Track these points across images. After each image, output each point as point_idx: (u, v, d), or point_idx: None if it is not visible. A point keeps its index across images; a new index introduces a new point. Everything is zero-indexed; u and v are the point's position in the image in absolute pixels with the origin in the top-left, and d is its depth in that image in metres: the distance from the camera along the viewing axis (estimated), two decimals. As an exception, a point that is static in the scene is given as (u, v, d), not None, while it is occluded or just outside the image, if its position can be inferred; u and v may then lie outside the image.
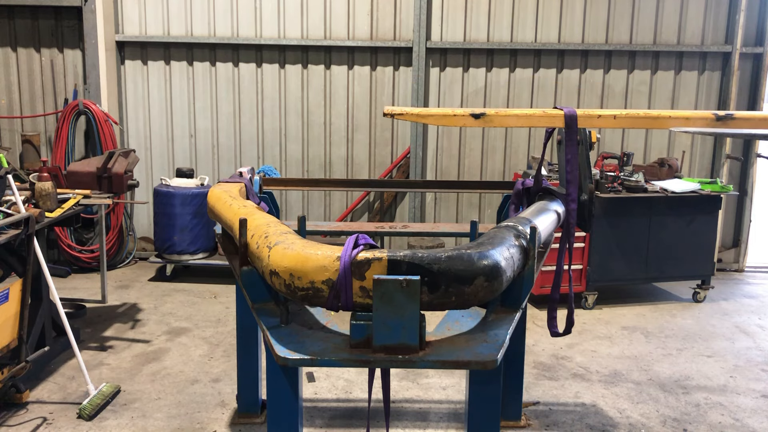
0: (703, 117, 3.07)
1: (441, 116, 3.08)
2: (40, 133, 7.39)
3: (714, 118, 3.05)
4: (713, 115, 3.06)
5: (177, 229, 6.81)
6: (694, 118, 3.09)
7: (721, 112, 3.06)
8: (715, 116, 3.05)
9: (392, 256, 2.13)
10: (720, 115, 3.04)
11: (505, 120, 3.07)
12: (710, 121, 3.07)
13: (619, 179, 6.49)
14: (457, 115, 3.03)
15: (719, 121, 3.04)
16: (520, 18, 7.43)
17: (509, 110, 3.10)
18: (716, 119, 3.04)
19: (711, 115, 3.06)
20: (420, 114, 3.07)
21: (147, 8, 7.40)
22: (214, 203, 3.15)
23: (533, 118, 3.10)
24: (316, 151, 7.67)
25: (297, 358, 2.14)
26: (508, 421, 4.20)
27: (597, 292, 6.45)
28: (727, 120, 3.04)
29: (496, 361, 2.12)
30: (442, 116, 3.08)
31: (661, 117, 3.12)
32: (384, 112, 3.06)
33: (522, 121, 3.12)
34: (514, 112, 3.08)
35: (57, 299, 4.53)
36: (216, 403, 4.44)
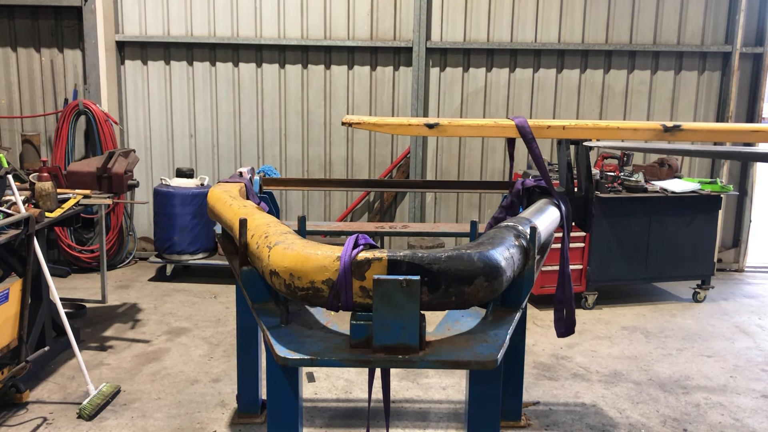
0: (651, 128, 3.10)
1: (396, 125, 3.16)
2: (40, 133, 7.39)
3: (662, 129, 3.07)
4: (661, 126, 3.08)
5: (177, 229, 6.81)
6: (642, 129, 3.12)
7: (669, 123, 3.08)
8: (663, 127, 3.07)
9: (392, 256, 2.13)
10: (668, 126, 3.07)
11: (458, 130, 3.14)
12: (658, 133, 3.09)
13: (619, 179, 6.49)
14: (411, 124, 3.09)
15: (667, 132, 3.07)
16: (520, 18, 7.43)
17: (462, 120, 3.15)
18: (664, 130, 3.07)
19: (659, 126, 3.08)
20: (377, 123, 3.14)
21: (147, 8, 7.40)
22: (214, 203, 3.15)
23: (485, 129, 3.15)
24: (316, 151, 7.67)
25: (297, 358, 2.14)
26: (508, 421, 4.20)
27: (597, 292, 6.45)
28: (674, 131, 3.07)
29: (496, 361, 2.12)
30: (398, 125, 3.15)
31: (610, 128, 3.14)
32: (342, 121, 3.13)
33: (474, 131, 3.18)
34: (467, 123, 3.14)
35: (57, 299, 4.53)
36: (216, 403, 4.44)
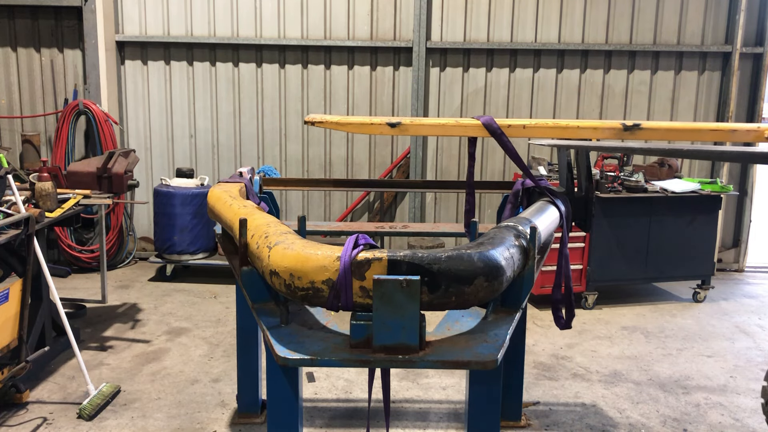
0: (611, 127, 3.11)
1: (359, 124, 3.18)
2: (40, 133, 7.39)
3: (621, 128, 3.08)
4: (621, 125, 3.09)
5: (177, 229, 6.81)
6: (602, 128, 3.13)
7: (629, 122, 3.08)
8: (623, 126, 3.08)
9: (392, 256, 2.13)
10: (627, 125, 3.07)
11: (420, 129, 3.17)
12: (618, 131, 3.09)
13: (619, 179, 6.49)
14: (374, 123, 3.11)
15: (627, 131, 3.07)
16: (520, 18, 7.43)
17: (424, 120, 3.17)
18: (624, 129, 3.07)
19: (619, 125, 3.09)
20: (339, 122, 3.17)
21: (147, 8, 7.40)
22: (214, 203, 3.15)
23: (447, 128, 3.16)
24: (316, 151, 7.67)
25: (297, 358, 2.14)
26: (508, 421, 4.20)
27: (597, 292, 6.45)
28: (634, 130, 3.07)
29: (496, 361, 2.12)
30: (360, 124, 3.17)
31: (570, 127, 3.15)
32: (305, 120, 3.16)
33: (436, 130, 3.20)
34: (429, 122, 3.16)
35: (57, 299, 4.53)
36: (216, 403, 4.44)
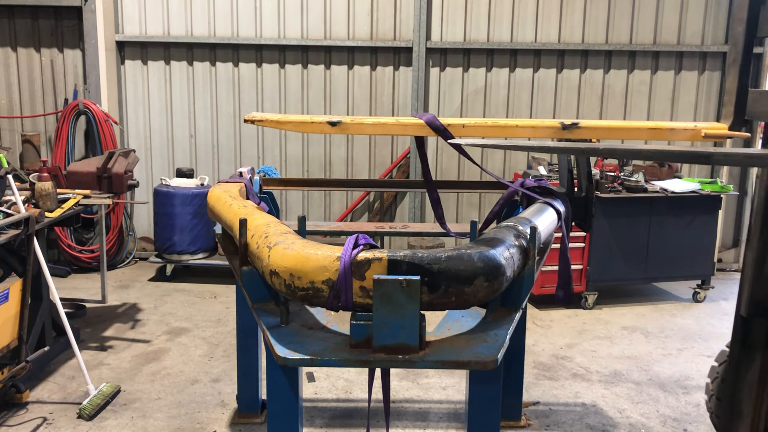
0: (550, 126, 3.12)
1: (299, 123, 3.21)
2: (40, 133, 7.39)
3: (560, 127, 3.08)
4: (560, 124, 3.09)
5: (177, 229, 6.81)
6: (541, 127, 3.14)
7: (568, 120, 3.09)
8: (562, 125, 3.09)
9: (392, 256, 2.13)
10: (566, 124, 3.08)
11: (361, 128, 3.18)
12: (557, 130, 3.10)
13: (619, 179, 6.49)
14: (315, 122, 3.13)
15: (565, 129, 3.08)
16: (520, 18, 7.43)
17: (364, 118, 3.18)
18: (562, 128, 3.08)
19: (557, 124, 3.10)
20: (279, 121, 3.18)
21: (147, 8, 7.40)
22: (214, 203, 3.16)
23: (387, 126, 3.18)
24: (316, 151, 7.67)
25: (297, 358, 2.14)
26: (508, 421, 4.20)
27: (597, 292, 6.45)
28: (573, 129, 3.08)
29: (496, 361, 2.12)
30: (301, 123, 3.20)
31: (509, 126, 3.17)
32: (245, 119, 3.18)
33: (377, 129, 3.22)
34: (369, 121, 3.17)
35: (57, 299, 4.53)
36: (216, 403, 4.44)
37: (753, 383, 3.17)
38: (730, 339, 3.31)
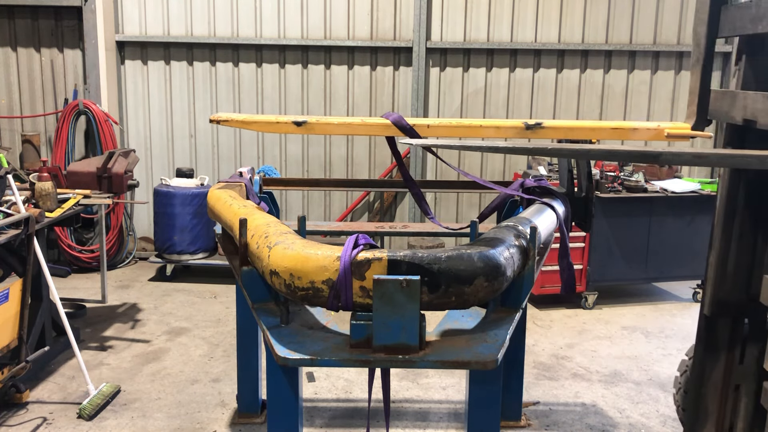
0: (513, 126, 3.14)
1: (265, 123, 3.22)
2: (40, 133, 7.39)
3: (524, 127, 3.10)
4: (523, 124, 3.11)
5: (177, 229, 6.81)
6: (504, 127, 3.16)
7: (531, 121, 3.11)
8: (525, 125, 3.10)
9: (392, 256, 2.13)
10: (530, 124, 3.10)
11: (326, 128, 3.20)
12: (520, 130, 3.12)
13: (619, 179, 6.49)
14: (280, 122, 3.14)
15: (529, 129, 3.10)
16: (520, 18, 7.43)
17: (330, 118, 3.20)
18: (525, 128, 3.10)
19: (521, 124, 3.12)
20: (245, 121, 3.20)
21: (147, 8, 7.40)
22: (214, 203, 3.16)
23: (353, 126, 3.19)
24: (316, 151, 7.67)
25: (297, 358, 2.14)
26: (508, 421, 4.21)
27: (597, 292, 6.45)
28: (536, 129, 3.09)
29: (496, 361, 2.12)
30: (266, 123, 3.21)
31: (473, 126, 3.18)
32: (210, 119, 3.19)
33: (342, 129, 3.23)
34: (334, 121, 3.18)
35: (57, 299, 4.53)
36: (216, 403, 4.44)
37: (718, 382, 3.19)
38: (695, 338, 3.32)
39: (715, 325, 3.14)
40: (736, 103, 2.87)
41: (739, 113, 2.83)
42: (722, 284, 3.07)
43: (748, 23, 2.77)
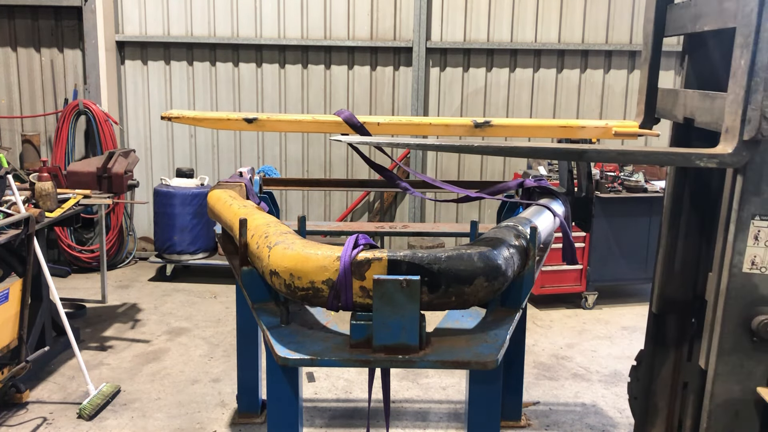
0: (462, 124, 3.16)
1: (215, 120, 3.25)
2: (40, 133, 7.39)
3: (473, 125, 3.12)
4: (472, 122, 3.13)
5: (177, 229, 6.81)
6: (453, 125, 3.18)
7: (480, 119, 3.13)
8: (474, 123, 3.12)
9: (392, 256, 2.13)
10: (479, 122, 3.12)
11: (278, 125, 3.24)
12: (469, 128, 3.13)
13: (619, 179, 6.49)
14: (231, 119, 3.17)
15: (477, 127, 3.12)
16: (520, 18, 7.43)
17: (281, 116, 3.23)
18: (474, 126, 3.12)
19: (470, 122, 3.13)
20: (195, 117, 3.23)
21: (147, 8, 7.40)
22: (214, 203, 3.16)
23: (304, 124, 3.21)
24: (316, 151, 7.67)
25: (297, 358, 2.14)
26: (508, 421, 4.21)
27: (597, 292, 6.45)
28: (485, 127, 3.11)
29: (496, 361, 2.12)
30: (217, 120, 3.24)
31: (422, 124, 3.22)
32: (161, 116, 3.21)
33: (293, 127, 3.26)
34: (286, 118, 3.21)
35: (57, 299, 4.53)
36: (216, 403, 4.44)
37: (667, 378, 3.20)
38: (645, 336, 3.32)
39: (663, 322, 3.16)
40: (678, 102, 2.89)
41: (681, 112, 2.85)
42: (669, 282, 3.08)
43: (688, 22, 2.79)
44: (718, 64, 2.77)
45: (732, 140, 2.32)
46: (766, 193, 2.34)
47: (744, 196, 2.36)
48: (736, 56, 2.31)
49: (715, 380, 2.47)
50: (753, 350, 2.44)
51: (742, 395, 2.47)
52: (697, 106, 2.69)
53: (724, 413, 2.49)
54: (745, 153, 2.31)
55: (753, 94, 2.24)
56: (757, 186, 2.34)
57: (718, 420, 2.49)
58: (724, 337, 2.44)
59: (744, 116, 2.27)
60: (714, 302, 2.51)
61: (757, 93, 2.24)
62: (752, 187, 2.34)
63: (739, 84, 2.28)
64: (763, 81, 2.22)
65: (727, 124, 2.36)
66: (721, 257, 2.48)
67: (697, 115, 2.69)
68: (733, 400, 2.48)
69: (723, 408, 2.49)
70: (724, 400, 2.48)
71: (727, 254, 2.42)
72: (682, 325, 3.13)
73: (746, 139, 2.28)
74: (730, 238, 2.41)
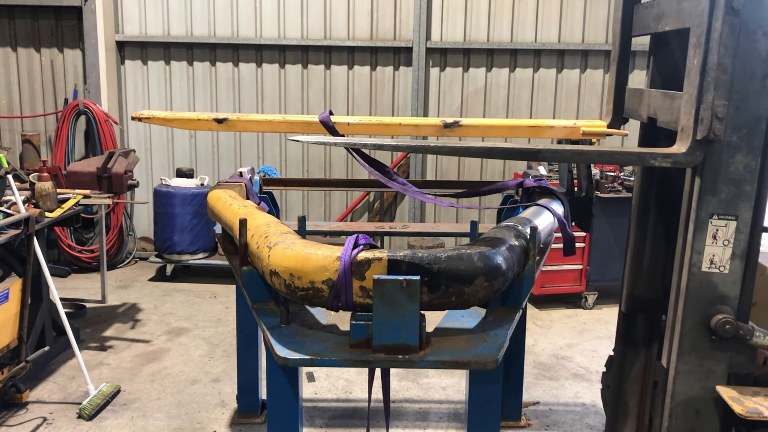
0: (432, 124, 3.17)
1: (186, 120, 3.27)
2: (40, 133, 7.39)
3: (442, 125, 3.14)
4: (441, 122, 3.15)
5: (177, 229, 6.81)
6: (423, 125, 3.20)
7: (450, 119, 3.15)
8: (443, 123, 3.14)
9: (392, 256, 2.14)
10: (448, 122, 3.14)
11: (247, 125, 3.26)
12: (439, 128, 3.15)
13: (619, 179, 6.49)
14: (201, 119, 3.19)
15: (447, 128, 3.14)
16: (520, 18, 7.43)
17: (251, 116, 3.25)
18: (444, 126, 3.13)
19: (439, 122, 3.15)
20: (166, 118, 3.25)
21: (147, 8, 7.40)
22: (214, 203, 3.16)
23: (274, 124, 3.23)
24: (316, 151, 7.67)
25: (297, 358, 2.15)
26: (508, 421, 4.21)
27: (597, 292, 6.45)
28: (454, 127, 3.13)
29: (496, 361, 2.12)
30: (187, 120, 3.27)
31: (392, 124, 3.25)
32: (132, 116, 3.23)
33: (263, 127, 3.28)
34: (255, 118, 3.23)
35: (57, 299, 4.53)
36: (216, 403, 4.44)
37: (637, 378, 3.20)
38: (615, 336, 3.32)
39: (633, 321, 3.16)
40: (643, 101, 2.90)
41: (645, 111, 2.87)
42: (638, 280, 3.08)
43: (653, 22, 2.80)
44: (679, 64, 2.78)
45: (686, 140, 2.33)
46: (723, 192, 2.35)
47: (702, 195, 2.37)
48: (690, 56, 2.32)
49: (676, 379, 2.48)
50: (712, 349, 2.45)
51: (702, 394, 2.48)
52: (659, 106, 2.70)
53: (685, 412, 2.50)
54: (699, 152, 2.32)
55: (705, 93, 2.25)
56: (714, 185, 2.35)
57: (680, 418, 2.50)
58: (683, 336, 2.45)
59: (697, 116, 2.28)
60: (675, 301, 2.52)
61: (708, 93, 2.24)
62: (709, 186, 2.35)
63: (693, 84, 2.29)
64: (714, 81, 2.23)
65: (682, 124, 2.37)
66: (681, 257, 2.49)
67: (659, 115, 2.70)
68: (694, 399, 2.49)
69: (684, 407, 2.49)
70: (685, 398, 2.49)
71: (687, 253, 2.43)
72: (651, 324, 3.14)
73: (699, 138, 2.29)
74: (689, 237, 2.42)
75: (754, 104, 2.29)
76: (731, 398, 2.37)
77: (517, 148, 2.50)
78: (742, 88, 2.27)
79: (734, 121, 2.30)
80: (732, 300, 2.42)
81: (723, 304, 2.41)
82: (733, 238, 2.37)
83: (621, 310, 3.22)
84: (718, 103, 2.23)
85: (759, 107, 2.30)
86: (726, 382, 2.46)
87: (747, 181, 2.34)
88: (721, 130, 2.25)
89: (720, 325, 2.39)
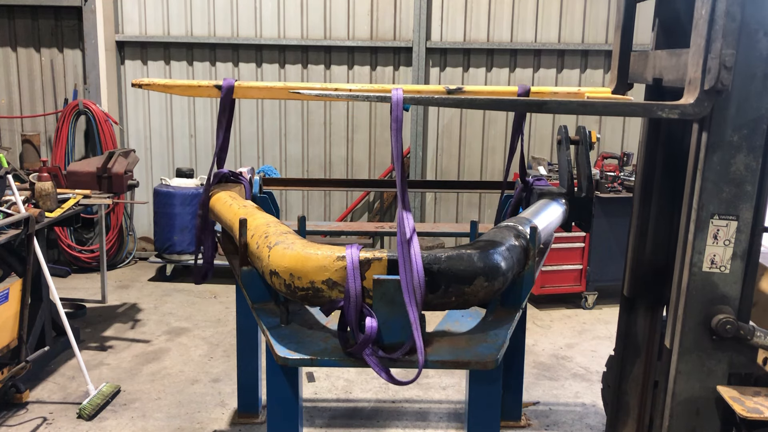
0: (435, 90, 3.21)
1: (186, 87, 3.27)
2: (40, 133, 7.39)
3: (445, 92, 3.16)
4: (445, 88, 3.17)
5: (177, 229, 6.81)
6: (425, 92, 3.23)
7: (453, 86, 3.18)
8: (447, 90, 3.16)
9: (392, 256, 2.14)
10: (451, 89, 3.16)
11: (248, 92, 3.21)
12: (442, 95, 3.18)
13: (619, 179, 6.49)
14: (201, 86, 3.19)
15: (450, 94, 3.16)
16: (520, 18, 7.43)
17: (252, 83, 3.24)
18: (447, 93, 3.16)
19: (443, 88, 3.18)
20: (166, 84, 3.24)
21: (147, 8, 7.40)
22: (214, 203, 3.16)
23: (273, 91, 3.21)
24: (316, 151, 7.67)
25: (297, 358, 2.15)
26: (508, 421, 4.21)
27: (597, 292, 6.45)
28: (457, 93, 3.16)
29: (496, 361, 2.12)
30: (187, 87, 3.26)
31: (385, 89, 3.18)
32: (132, 83, 3.22)
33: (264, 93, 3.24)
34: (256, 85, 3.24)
35: (57, 299, 4.53)
36: (216, 403, 4.44)
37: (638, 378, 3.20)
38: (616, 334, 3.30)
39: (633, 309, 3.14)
40: (648, 64, 2.90)
41: (650, 73, 2.86)
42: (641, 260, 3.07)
43: None
44: (684, 22, 2.76)
45: (694, 91, 2.31)
46: (724, 192, 2.35)
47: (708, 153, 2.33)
48: (698, 6, 2.31)
49: (677, 378, 2.48)
50: (713, 349, 2.45)
51: (703, 393, 2.47)
52: (664, 65, 2.69)
53: (685, 411, 2.49)
54: (707, 104, 2.30)
55: (713, 43, 2.24)
56: (721, 138, 2.32)
57: (680, 418, 2.50)
58: (684, 336, 2.45)
59: (705, 66, 2.26)
60: (675, 301, 2.51)
61: (716, 41, 2.23)
62: (716, 140, 2.33)
63: (700, 34, 2.28)
64: (722, 29, 2.21)
65: (690, 76, 2.35)
66: (681, 256, 2.48)
67: (664, 74, 2.69)
68: (695, 399, 2.48)
69: (684, 406, 2.49)
70: (686, 398, 2.48)
71: (688, 253, 2.43)
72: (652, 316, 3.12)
73: (707, 88, 2.27)
74: (690, 237, 2.42)
75: (754, 104, 2.29)
76: (732, 398, 2.37)
77: (522, 100, 2.49)
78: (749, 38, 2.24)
79: (735, 121, 2.30)
80: (733, 300, 2.41)
81: (724, 304, 2.41)
82: (734, 238, 2.37)
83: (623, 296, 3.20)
84: (726, 52, 2.21)
85: (760, 107, 2.29)
86: (727, 381, 2.46)
87: (748, 181, 2.34)
88: (728, 79, 2.23)
89: (721, 325, 2.38)
